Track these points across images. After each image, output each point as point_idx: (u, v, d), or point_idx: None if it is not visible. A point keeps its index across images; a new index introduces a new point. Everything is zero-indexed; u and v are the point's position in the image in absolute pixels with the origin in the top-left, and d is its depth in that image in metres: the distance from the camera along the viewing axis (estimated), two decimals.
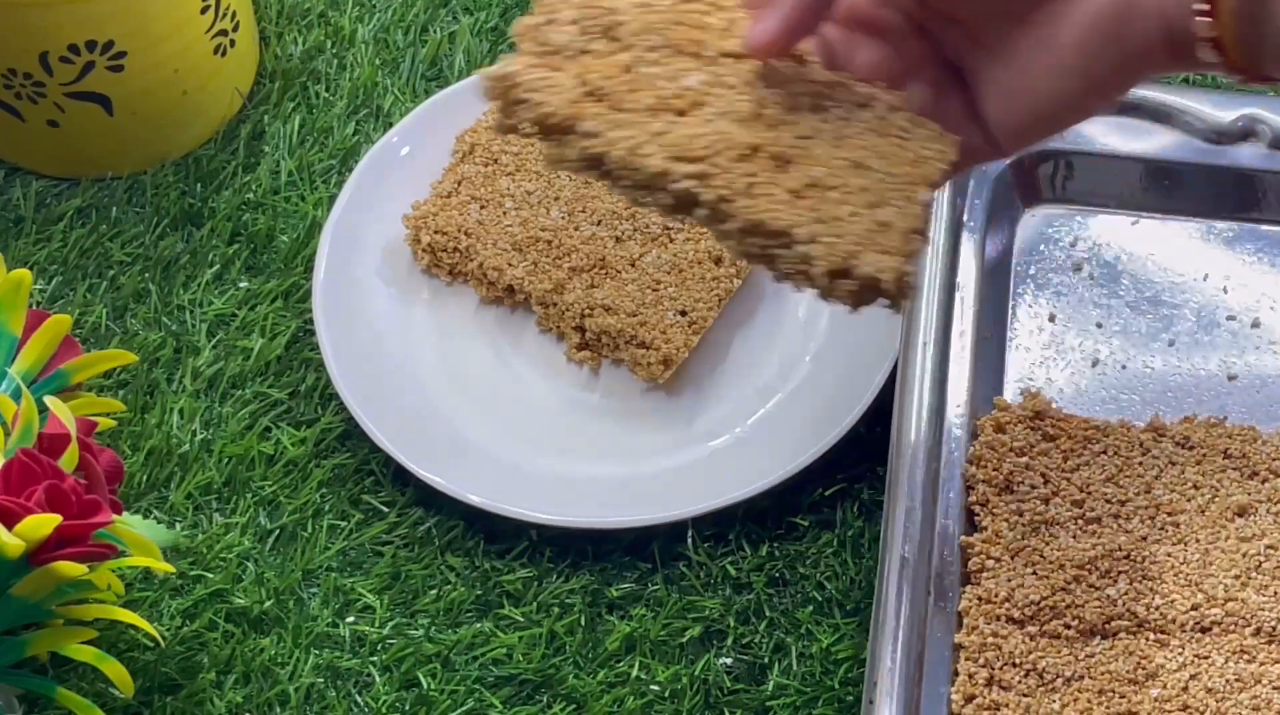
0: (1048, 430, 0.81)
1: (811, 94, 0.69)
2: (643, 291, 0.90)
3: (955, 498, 0.80)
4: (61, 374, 0.79)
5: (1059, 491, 0.80)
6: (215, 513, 0.87)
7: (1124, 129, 0.90)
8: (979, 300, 0.86)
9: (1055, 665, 0.76)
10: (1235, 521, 0.79)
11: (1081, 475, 0.80)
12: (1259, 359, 0.87)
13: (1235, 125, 0.89)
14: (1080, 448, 0.81)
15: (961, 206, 0.88)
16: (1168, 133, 0.90)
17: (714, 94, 0.69)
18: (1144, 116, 0.90)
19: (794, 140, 0.69)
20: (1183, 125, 0.90)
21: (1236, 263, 0.90)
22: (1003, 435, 0.81)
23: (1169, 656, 0.76)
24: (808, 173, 0.68)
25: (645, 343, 0.89)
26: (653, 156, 0.67)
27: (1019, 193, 0.91)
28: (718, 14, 0.71)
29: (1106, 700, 0.75)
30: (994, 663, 0.76)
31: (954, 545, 0.79)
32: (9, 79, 0.92)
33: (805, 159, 0.68)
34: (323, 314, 0.90)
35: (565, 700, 0.82)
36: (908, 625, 0.76)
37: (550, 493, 0.87)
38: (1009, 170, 0.90)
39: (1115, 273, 0.89)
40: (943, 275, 0.86)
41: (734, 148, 0.68)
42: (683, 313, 0.90)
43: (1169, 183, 0.90)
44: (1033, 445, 0.81)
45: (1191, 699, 0.75)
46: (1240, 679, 0.75)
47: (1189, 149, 0.90)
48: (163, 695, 0.82)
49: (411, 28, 1.03)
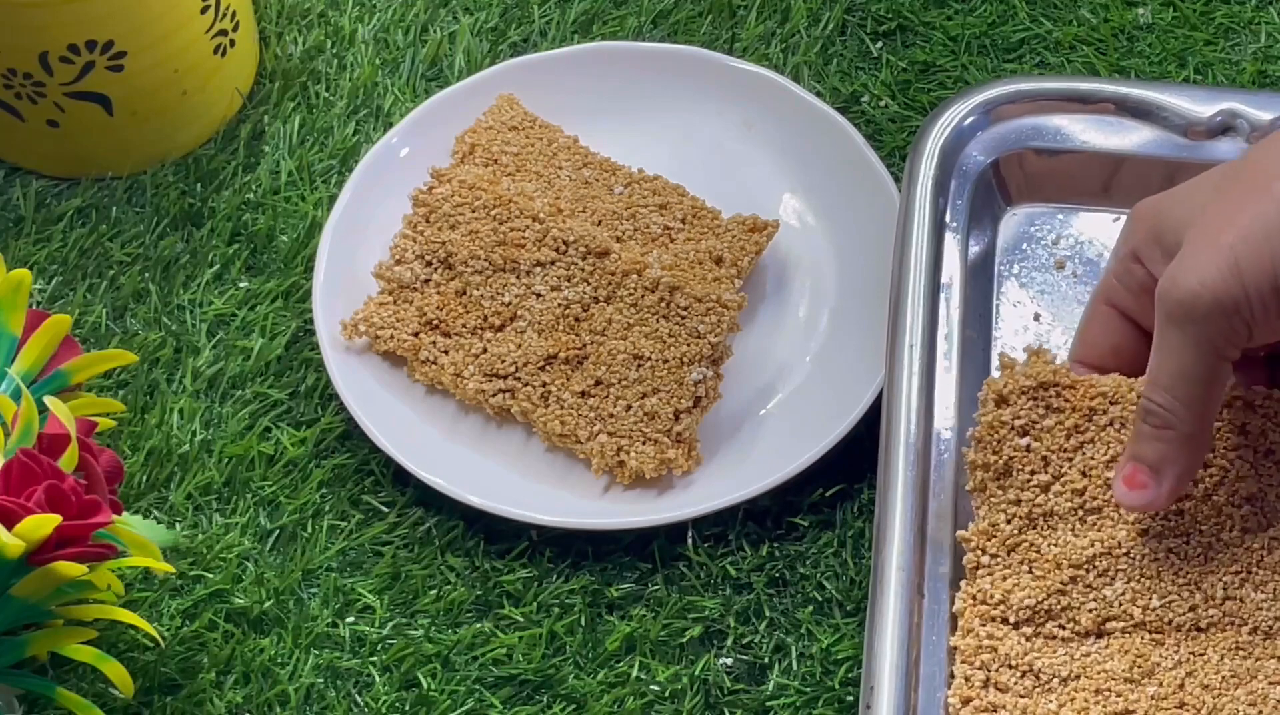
0: (1051, 401, 0.78)
1: (609, 285, 0.87)
2: None
3: (946, 500, 0.80)
4: (61, 374, 0.79)
5: (1060, 476, 0.78)
6: (215, 513, 0.87)
7: (1103, 126, 0.90)
8: (963, 301, 0.86)
9: (1051, 665, 0.76)
10: (1242, 508, 0.78)
11: (1085, 455, 0.78)
12: None
13: (1214, 120, 0.89)
14: (1085, 422, 0.78)
15: (943, 207, 0.88)
16: (1147, 129, 0.89)
17: (524, 307, 0.88)
18: (1123, 113, 0.90)
19: (588, 338, 0.87)
20: (1162, 121, 0.89)
21: None
22: (1004, 410, 0.78)
23: (1165, 654, 0.76)
24: (594, 373, 0.86)
25: None
26: (471, 378, 0.87)
27: (1000, 192, 0.90)
28: (533, 227, 0.88)
29: (1103, 699, 0.75)
30: (990, 665, 0.76)
31: (945, 547, 0.79)
32: (9, 79, 0.92)
33: (594, 357, 0.86)
34: (323, 314, 0.90)
35: (565, 700, 0.82)
36: (902, 629, 0.76)
37: (550, 493, 0.87)
38: (990, 169, 0.90)
39: (1098, 270, 0.89)
40: (927, 276, 0.85)
41: (535, 360, 0.87)
42: None
43: (1149, 179, 0.89)
44: (1035, 422, 0.78)
45: (1188, 696, 0.75)
46: (1236, 675, 0.75)
47: (1169, 145, 0.89)
48: (163, 695, 0.82)
49: (411, 28, 1.03)
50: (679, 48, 0.99)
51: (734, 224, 0.92)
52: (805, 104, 0.96)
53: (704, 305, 0.87)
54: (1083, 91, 0.91)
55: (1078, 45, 1.00)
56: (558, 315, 0.88)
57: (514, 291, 0.88)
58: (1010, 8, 1.02)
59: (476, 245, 0.89)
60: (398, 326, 0.89)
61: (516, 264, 0.89)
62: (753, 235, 0.92)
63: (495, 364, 0.88)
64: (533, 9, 1.03)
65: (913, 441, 0.81)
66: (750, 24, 1.02)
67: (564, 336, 0.87)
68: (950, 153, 0.89)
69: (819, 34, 1.01)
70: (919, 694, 0.76)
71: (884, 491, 0.79)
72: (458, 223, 0.90)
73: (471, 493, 0.86)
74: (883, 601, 0.77)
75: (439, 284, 0.90)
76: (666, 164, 0.95)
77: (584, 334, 0.87)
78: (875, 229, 0.92)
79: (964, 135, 0.90)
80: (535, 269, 0.88)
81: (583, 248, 0.88)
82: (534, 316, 0.88)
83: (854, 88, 0.99)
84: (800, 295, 0.93)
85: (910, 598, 0.77)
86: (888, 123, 0.98)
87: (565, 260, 0.88)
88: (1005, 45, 1.01)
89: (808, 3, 1.02)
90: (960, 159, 0.89)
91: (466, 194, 0.91)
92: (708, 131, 0.98)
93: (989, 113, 0.90)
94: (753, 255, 0.91)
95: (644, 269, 0.87)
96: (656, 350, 0.87)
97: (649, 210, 0.93)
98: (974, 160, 0.90)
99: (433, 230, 0.90)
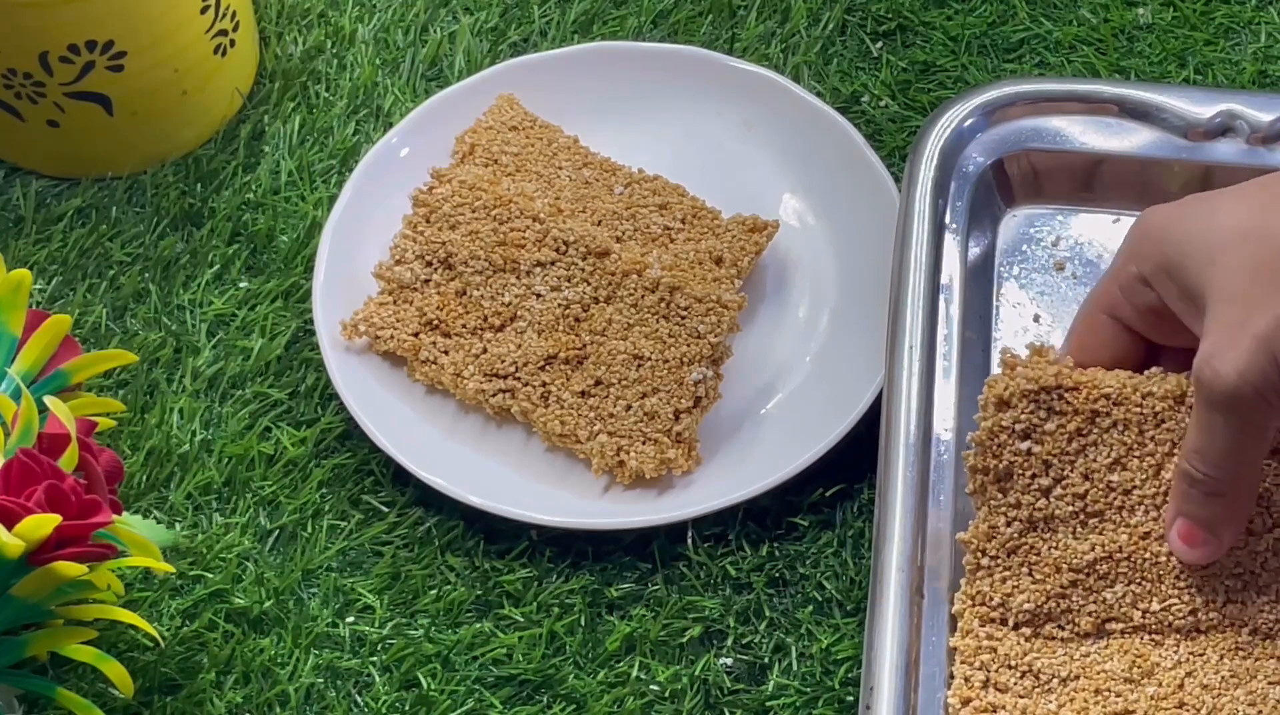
0: (1054, 404, 0.77)
1: (609, 286, 0.87)
2: None
3: (946, 501, 0.80)
4: (61, 374, 0.79)
5: (1061, 480, 0.78)
6: (215, 513, 0.87)
7: (1103, 127, 0.90)
8: (963, 302, 0.86)
9: (1051, 666, 0.76)
10: None
11: (1087, 458, 0.77)
12: None
13: (1214, 121, 0.89)
14: (1088, 425, 0.77)
15: (943, 209, 0.88)
16: (1146, 130, 0.89)
17: (524, 307, 0.88)
18: (1122, 114, 0.90)
19: (588, 338, 0.86)
20: (1161, 122, 0.89)
21: None
22: (1004, 413, 0.77)
23: (1164, 654, 0.76)
24: (594, 373, 0.86)
25: None
26: (471, 378, 0.87)
27: (1000, 193, 0.90)
28: (533, 227, 0.89)
29: (1103, 699, 0.75)
30: (989, 665, 0.76)
31: (945, 548, 0.79)
32: (9, 79, 0.92)
33: (594, 357, 0.86)
34: (323, 314, 0.90)
35: (565, 700, 0.82)
36: (902, 629, 0.76)
37: (550, 493, 0.87)
38: (989, 171, 0.90)
39: (1098, 271, 0.89)
40: (927, 278, 0.85)
41: (535, 360, 0.86)
42: None
43: (1149, 180, 0.89)
44: (1036, 425, 0.77)
45: (1188, 696, 0.75)
46: (1236, 675, 0.75)
47: (1168, 146, 0.89)
48: (163, 695, 0.82)
49: (411, 28, 1.03)
50: (679, 48, 0.99)
51: (734, 224, 0.92)
52: (805, 104, 0.96)
53: (704, 305, 0.87)
54: (1082, 93, 0.91)
55: (1078, 45, 1.00)
56: (558, 315, 0.88)
57: (514, 291, 0.89)
58: (1010, 8, 1.02)
59: (477, 245, 0.89)
60: (398, 326, 0.89)
61: (517, 264, 0.89)
62: (753, 235, 0.92)
63: (495, 364, 0.88)
64: (533, 9, 1.03)
65: (912, 442, 0.81)
66: (750, 24, 1.02)
67: (564, 336, 0.87)
68: (950, 154, 0.89)
69: (819, 34, 1.01)
70: (919, 694, 0.75)
71: (884, 491, 0.79)
72: (458, 223, 0.90)
73: (471, 493, 0.86)
74: (883, 601, 0.77)
75: (439, 284, 0.90)
76: (666, 164, 0.95)
77: (584, 334, 0.87)
78: (875, 229, 0.92)
79: (964, 136, 0.90)
80: (535, 269, 0.88)
81: (583, 248, 0.88)
82: (534, 316, 0.88)
83: (854, 88, 0.99)
84: (800, 295, 0.93)
85: (910, 598, 0.77)
86: (888, 123, 0.98)
87: (565, 260, 0.88)
88: (1005, 45, 1.01)
89: (808, 3, 1.02)
90: (960, 160, 0.89)
91: (467, 194, 0.91)
92: (708, 131, 0.98)
93: (989, 114, 0.90)
94: (753, 255, 0.91)
95: (644, 269, 0.87)
96: (656, 350, 0.87)
97: (649, 210, 0.93)
98: (974, 161, 0.90)
99: (433, 230, 0.90)
